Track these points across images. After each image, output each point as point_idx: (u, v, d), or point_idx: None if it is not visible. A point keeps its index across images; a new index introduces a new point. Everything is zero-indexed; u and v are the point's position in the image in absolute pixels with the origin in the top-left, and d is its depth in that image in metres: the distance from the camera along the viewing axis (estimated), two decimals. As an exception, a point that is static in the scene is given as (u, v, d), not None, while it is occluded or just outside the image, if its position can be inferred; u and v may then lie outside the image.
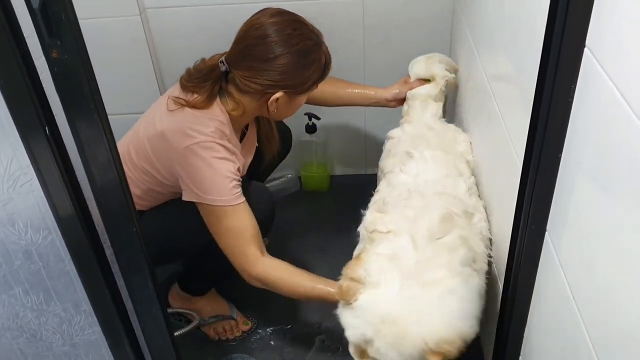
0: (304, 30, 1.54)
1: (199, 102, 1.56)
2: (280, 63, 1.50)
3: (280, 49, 1.50)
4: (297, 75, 1.53)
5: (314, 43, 1.54)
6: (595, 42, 0.85)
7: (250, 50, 1.52)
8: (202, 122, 1.54)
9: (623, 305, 0.81)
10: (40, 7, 0.80)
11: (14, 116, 0.90)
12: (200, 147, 1.51)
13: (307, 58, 1.53)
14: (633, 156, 0.75)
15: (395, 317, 1.23)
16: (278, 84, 1.53)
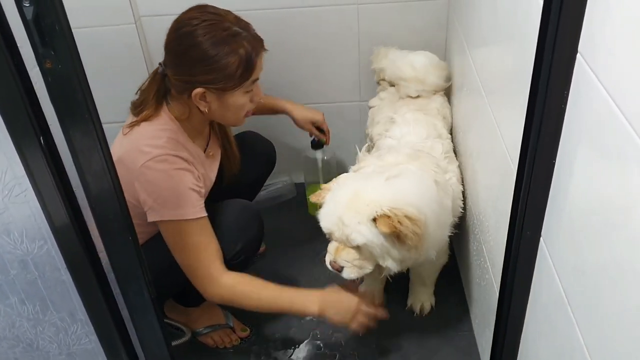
0: (218, 21, 1.45)
1: (148, 114, 1.52)
2: (191, 56, 1.44)
3: (190, 41, 1.44)
4: (211, 69, 1.45)
5: (230, 34, 1.44)
6: (588, 49, 0.85)
7: (168, 45, 1.49)
8: (154, 135, 1.50)
9: (617, 309, 0.81)
10: (33, 18, 0.80)
11: (9, 126, 0.90)
12: (155, 162, 1.46)
13: (219, 49, 1.43)
14: (625, 161, 0.76)
15: (355, 192, 1.45)
16: (194, 79, 1.47)
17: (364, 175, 1.55)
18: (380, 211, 1.39)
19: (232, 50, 1.44)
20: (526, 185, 1.03)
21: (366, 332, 1.64)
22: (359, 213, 1.42)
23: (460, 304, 1.92)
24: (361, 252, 1.48)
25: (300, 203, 2.40)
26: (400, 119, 1.86)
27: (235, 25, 1.47)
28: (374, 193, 1.44)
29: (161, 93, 1.55)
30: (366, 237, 1.42)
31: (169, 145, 1.49)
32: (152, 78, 1.57)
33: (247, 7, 2.01)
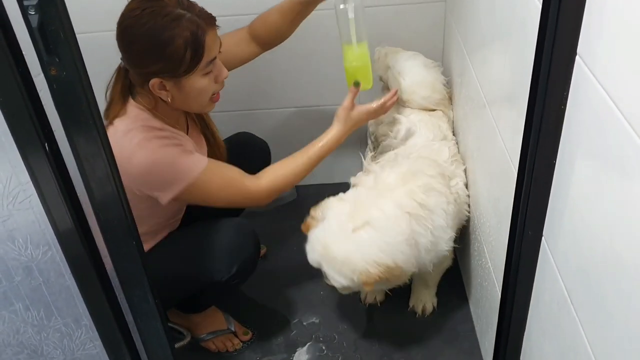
0: (156, 8, 1.40)
1: (116, 111, 1.50)
2: (137, 48, 1.42)
3: (133, 33, 1.41)
4: (159, 58, 1.42)
5: (171, 18, 1.40)
6: (586, 50, 0.86)
7: (117, 40, 1.47)
8: (128, 128, 1.48)
9: (621, 308, 0.82)
10: (38, 25, 0.81)
11: (14, 133, 0.91)
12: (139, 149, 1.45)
13: (162, 37, 1.39)
14: (625, 161, 0.76)
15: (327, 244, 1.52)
16: (146, 70, 1.45)
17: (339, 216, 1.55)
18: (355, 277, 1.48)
19: (175, 35, 1.40)
20: (527, 185, 1.04)
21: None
22: (333, 268, 1.52)
23: (462, 305, 1.92)
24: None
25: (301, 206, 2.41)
26: (405, 120, 1.86)
27: (176, 8, 1.42)
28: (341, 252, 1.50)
29: (126, 88, 1.53)
30: (345, 285, 1.53)
31: (141, 132, 1.48)
32: (117, 74, 1.55)
33: (245, 12, 2.02)
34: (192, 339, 1.88)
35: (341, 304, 1.98)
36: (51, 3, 0.80)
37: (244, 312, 1.97)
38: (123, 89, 1.53)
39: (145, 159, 1.46)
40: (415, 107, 1.94)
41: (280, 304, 2.01)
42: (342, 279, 1.50)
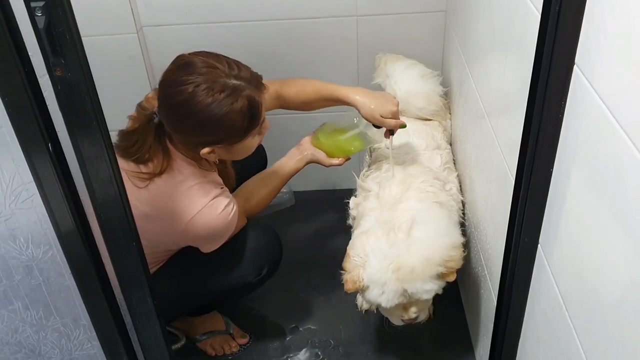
0: (213, 80, 1.36)
1: (162, 167, 1.46)
2: (192, 124, 1.39)
3: (188, 110, 1.37)
4: (215, 131, 1.40)
5: (229, 93, 1.37)
6: (584, 60, 0.88)
7: (164, 110, 1.42)
8: (182, 188, 1.47)
9: (615, 315, 0.83)
10: (45, 27, 0.82)
11: (18, 132, 0.92)
12: (197, 220, 1.46)
13: (219, 113, 1.36)
14: (621, 169, 0.78)
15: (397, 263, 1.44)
16: (198, 140, 1.43)
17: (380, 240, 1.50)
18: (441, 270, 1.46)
19: (234, 109, 1.38)
20: (524, 192, 1.05)
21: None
22: (419, 279, 1.45)
23: (458, 312, 1.93)
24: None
25: (299, 211, 2.42)
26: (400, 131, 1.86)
27: (231, 77, 1.39)
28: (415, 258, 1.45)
29: (162, 138, 1.48)
30: (435, 290, 1.48)
31: (202, 193, 1.48)
32: (145, 126, 1.46)
33: (246, 19, 2.04)
34: (189, 340, 1.89)
35: (337, 310, 1.99)
36: (58, 5, 0.81)
37: (242, 317, 1.98)
38: (158, 140, 1.47)
39: (207, 224, 1.48)
40: (411, 117, 1.95)
41: (277, 309, 2.02)
42: (431, 284, 1.45)
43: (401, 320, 1.57)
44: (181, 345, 1.86)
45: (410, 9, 2.04)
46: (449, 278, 1.48)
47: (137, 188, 1.46)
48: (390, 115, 1.64)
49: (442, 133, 1.92)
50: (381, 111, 1.64)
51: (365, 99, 1.66)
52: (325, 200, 2.47)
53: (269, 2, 2.02)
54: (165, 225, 1.48)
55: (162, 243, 1.57)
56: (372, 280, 1.47)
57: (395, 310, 1.54)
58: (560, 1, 0.86)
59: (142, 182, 1.46)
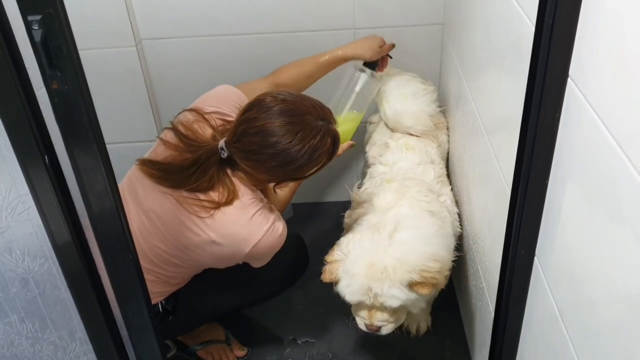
0: (308, 124, 1.41)
1: (229, 196, 1.47)
2: (290, 168, 1.43)
3: (289, 156, 1.40)
4: (305, 171, 1.46)
5: (321, 136, 1.42)
6: (578, 73, 0.88)
7: (255, 153, 1.42)
8: (246, 217, 1.47)
9: (610, 326, 0.83)
10: (41, 40, 0.82)
11: (14, 145, 0.92)
12: (262, 244, 1.49)
13: (315, 154, 1.43)
14: (614, 182, 0.78)
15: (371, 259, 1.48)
16: (285, 179, 1.50)
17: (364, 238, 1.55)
18: (414, 279, 1.44)
19: (326, 149, 1.44)
20: (520, 204, 1.05)
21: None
22: (387, 281, 1.45)
23: (456, 324, 1.93)
24: (395, 309, 1.52)
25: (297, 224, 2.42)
26: (394, 144, 1.90)
27: (318, 119, 1.43)
28: (390, 259, 1.47)
29: (225, 170, 1.48)
30: (401, 299, 1.47)
31: (265, 218, 1.49)
32: (207, 160, 1.46)
33: (246, 32, 2.05)
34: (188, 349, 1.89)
35: (335, 323, 1.98)
36: (55, 18, 0.81)
37: (239, 329, 1.97)
38: (224, 175, 1.48)
39: (268, 246, 1.51)
40: (403, 133, 1.96)
41: (275, 321, 2.02)
42: (398, 290, 1.45)
43: (364, 325, 1.56)
44: (172, 355, 1.86)
45: (407, 22, 2.05)
46: (421, 290, 1.45)
47: (199, 217, 1.46)
48: (382, 42, 1.86)
49: (436, 149, 1.93)
50: (377, 42, 1.84)
51: (361, 45, 1.85)
52: (323, 213, 2.47)
53: (267, 15, 2.03)
54: (230, 250, 1.49)
55: (215, 264, 1.57)
56: (345, 271, 1.51)
57: (359, 309, 1.56)
58: (554, 14, 0.87)
59: (206, 211, 1.46)
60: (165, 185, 1.49)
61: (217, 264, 1.57)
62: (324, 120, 1.45)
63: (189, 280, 1.65)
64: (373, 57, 1.84)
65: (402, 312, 1.56)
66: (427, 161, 1.86)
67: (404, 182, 1.72)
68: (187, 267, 1.57)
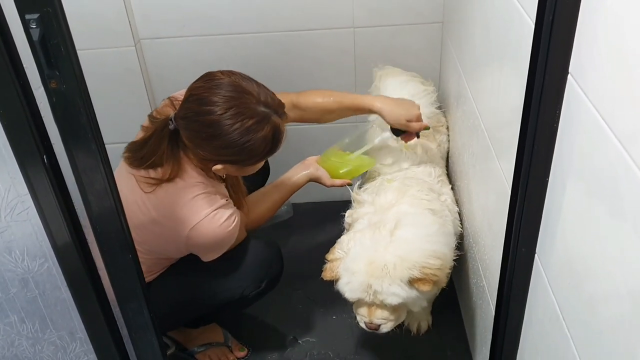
0: (243, 107, 1.39)
1: (172, 173, 1.48)
2: (217, 144, 1.41)
3: (215, 131, 1.39)
4: (237, 153, 1.42)
5: (258, 120, 1.40)
6: (578, 70, 0.88)
7: (188, 125, 1.43)
8: (188, 197, 1.48)
9: (611, 324, 0.83)
10: (39, 39, 0.82)
11: (13, 145, 0.92)
12: (199, 229, 1.48)
13: (247, 136, 1.39)
14: (615, 178, 0.77)
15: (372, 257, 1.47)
16: (216, 159, 1.45)
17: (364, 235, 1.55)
18: (414, 275, 1.44)
19: (261, 136, 1.41)
20: (520, 202, 1.05)
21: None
22: (387, 278, 1.45)
23: (456, 323, 1.93)
24: (395, 307, 1.51)
25: (297, 223, 2.42)
26: (394, 145, 1.88)
27: (260, 104, 1.41)
28: (391, 256, 1.46)
29: (176, 146, 1.49)
30: (402, 296, 1.47)
31: (208, 202, 1.50)
32: (161, 131, 1.49)
33: (245, 31, 2.05)
34: (187, 352, 1.88)
35: (336, 323, 1.98)
36: (53, 17, 0.81)
37: (240, 329, 1.97)
38: (172, 148, 1.49)
39: (208, 234, 1.50)
40: None
41: (275, 321, 2.01)
42: (398, 288, 1.45)
43: (364, 324, 1.55)
44: (171, 353, 1.86)
45: (407, 20, 2.05)
46: (422, 286, 1.44)
47: (144, 192, 1.49)
48: (416, 118, 1.71)
49: (436, 148, 1.92)
50: (407, 115, 1.70)
51: (391, 106, 1.72)
52: (323, 213, 2.47)
53: (266, 14, 2.03)
54: (169, 231, 1.51)
55: (165, 250, 1.58)
56: (345, 268, 1.51)
57: (359, 307, 1.55)
58: (553, 11, 0.86)
59: (150, 186, 1.49)
60: (131, 165, 1.52)
61: (165, 249, 1.57)
62: (269, 108, 1.42)
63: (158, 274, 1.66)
64: (395, 125, 1.73)
65: (402, 311, 1.55)
66: (426, 160, 1.86)
67: (404, 181, 1.72)
68: (146, 252, 1.55)
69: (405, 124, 1.70)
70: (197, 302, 1.69)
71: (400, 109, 1.71)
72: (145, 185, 1.49)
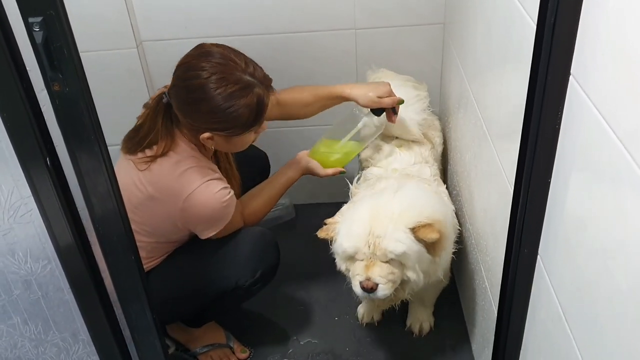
0: (229, 72, 1.44)
1: (166, 147, 1.53)
2: (201, 108, 1.45)
3: (200, 95, 1.43)
4: (222, 121, 1.46)
5: (242, 86, 1.44)
6: (580, 71, 0.88)
7: (176, 91, 1.49)
8: (181, 169, 1.52)
9: (614, 325, 0.83)
10: (43, 42, 0.82)
11: (16, 147, 0.92)
12: (194, 198, 1.51)
13: (231, 103, 1.43)
14: (617, 179, 0.78)
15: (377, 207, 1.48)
16: (203, 126, 1.49)
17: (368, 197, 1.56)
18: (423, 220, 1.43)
19: (244, 103, 1.45)
20: (523, 203, 1.05)
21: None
22: (392, 223, 1.42)
23: (459, 324, 1.92)
24: (393, 264, 1.46)
25: (299, 224, 2.42)
26: (388, 147, 1.89)
27: (246, 73, 1.46)
28: (397, 204, 1.46)
29: (169, 122, 1.55)
30: (406, 244, 1.43)
31: (201, 174, 1.53)
32: (155, 107, 1.56)
33: (247, 32, 2.05)
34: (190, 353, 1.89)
35: (338, 323, 1.98)
36: (56, 20, 0.82)
37: (242, 330, 1.97)
38: (166, 123, 1.55)
39: (203, 203, 1.53)
40: None
41: (277, 322, 2.01)
42: (403, 234, 1.42)
43: (359, 285, 1.46)
44: (170, 353, 1.86)
45: (408, 21, 2.05)
46: (429, 234, 1.42)
47: (137, 170, 1.53)
48: (386, 94, 1.77)
49: (429, 150, 1.92)
50: (377, 93, 1.76)
51: (360, 89, 1.79)
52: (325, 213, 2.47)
53: (267, 16, 2.03)
54: (164, 206, 1.54)
55: (163, 228, 1.60)
56: (344, 222, 1.50)
57: (355, 265, 1.48)
58: (555, 12, 0.87)
59: (145, 164, 1.53)
60: (129, 152, 1.56)
61: (164, 228, 1.59)
62: (254, 78, 1.47)
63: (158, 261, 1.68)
64: (368, 105, 1.78)
65: (400, 272, 1.47)
66: (421, 161, 1.86)
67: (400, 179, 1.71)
68: (145, 235, 1.59)
69: (377, 101, 1.76)
70: (192, 292, 1.69)
71: (369, 88, 1.78)
72: (142, 164, 1.53)
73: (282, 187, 1.79)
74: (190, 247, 1.69)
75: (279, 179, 1.80)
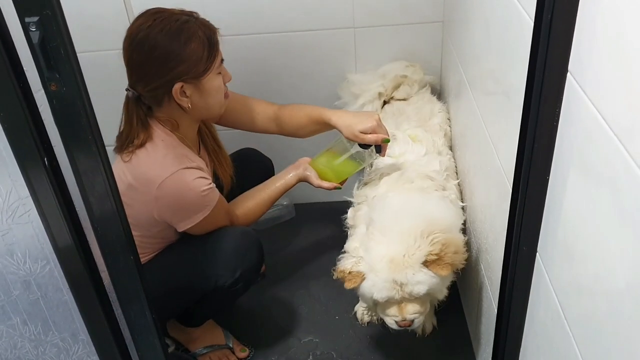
0: (166, 16, 1.49)
1: (144, 138, 1.55)
2: (156, 58, 1.47)
3: (148, 44, 1.46)
4: (179, 61, 1.48)
5: (182, 22, 1.48)
6: (577, 68, 0.88)
7: (129, 61, 1.51)
8: (159, 155, 1.54)
9: (612, 323, 0.82)
10: (39, 42, 0.82)
11: (14, 148, 0.92)
12: (171, 181, 1.51)
13: (178, 38, 1.46)
14: (615, 177, 0.77)
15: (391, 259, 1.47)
16: (167, 78, 1.49)
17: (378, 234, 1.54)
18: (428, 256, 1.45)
19: (190, 36, 1.48)
20: (521, 201, 1.05)
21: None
22: (408, 268, 1.45)
23: (460, 322, 1.92)
24: (423, 297, 1.52)
25: (299, 224, 2.42)
26: (401, 136, 1.87)
27: (182, 14, 1.51)
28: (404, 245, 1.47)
29: (143, 115, 1.57)
30: (427, 282, 1.47)
31: (176, 161, 1.53)
32: (126, 107, 1.58)
33: (246, 32, 2.05)
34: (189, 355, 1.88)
35: (339, 322, 1.98)
36: (52, 20, 0.81)
37: (242, 329, 1.97)
38: (140, 118, 1.56)
39: (177, 190, 1.53)
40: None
41: (278, 321, 2.01)
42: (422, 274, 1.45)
43: (395, 323, 1.54)
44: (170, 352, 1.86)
45: (407, 20, 2.05)
46: (438, 271, 1.45)
47: (122, 161, 1.55)
48: (370, 130, 1.64)
49: (443, 138, 1.91)
50: (360, 128, 1.65)
51: (344, 119, 1.70)
52: (325, 213, 2.47)
53: (266, 15, 2.03)
54: (141, 195, 1.54)
55: (142, 219, 1.58)
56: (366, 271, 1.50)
57: (387, 308, 1.53)
58: (552, 9, 0.86)
59: (127, 155, 1.54)
60: (120, 152, 1.57)
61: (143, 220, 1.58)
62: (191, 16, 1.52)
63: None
64: (350, 139, 1.69)
65: (427, 301, 1.56)
66: (433, 152, 1.84)
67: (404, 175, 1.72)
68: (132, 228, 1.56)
69: (361, 137, 1.65)
70: (175, 292, 1.67)
71: (353, 121, 1.67)
72: (126, 155, 1.56)
73: (277, 191, 1.79)
74: (175, 245, 1.70)
75: (276, 182, 1.80)
